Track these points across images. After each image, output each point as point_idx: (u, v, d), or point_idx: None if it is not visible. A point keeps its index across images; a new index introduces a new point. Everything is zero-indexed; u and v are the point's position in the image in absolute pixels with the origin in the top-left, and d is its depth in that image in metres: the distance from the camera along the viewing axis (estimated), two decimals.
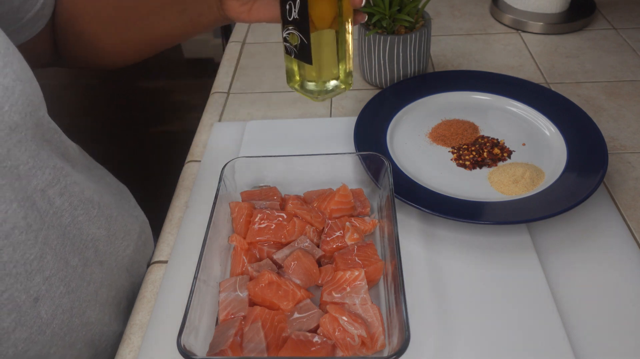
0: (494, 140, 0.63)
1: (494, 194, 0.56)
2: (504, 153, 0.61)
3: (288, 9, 0.47)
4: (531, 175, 0.57)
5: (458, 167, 0.60)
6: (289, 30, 0.48)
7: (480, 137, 0.64)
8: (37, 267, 0.40)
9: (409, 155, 0.62)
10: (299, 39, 0.47)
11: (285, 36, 0.49)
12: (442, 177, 0.59)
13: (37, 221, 0.40)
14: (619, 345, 0.44)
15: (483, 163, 0.60)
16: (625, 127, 0.67)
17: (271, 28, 0.96)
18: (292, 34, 0.48)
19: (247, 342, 0.42)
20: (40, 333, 0.41)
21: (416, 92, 0.70)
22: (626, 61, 0.80)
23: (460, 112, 0.68)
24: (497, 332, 0.45)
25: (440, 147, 0.63)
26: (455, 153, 0.62)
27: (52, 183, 0.42)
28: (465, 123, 0.66)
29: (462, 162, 0.61)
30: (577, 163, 0.57)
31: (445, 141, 0.64)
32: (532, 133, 0.64)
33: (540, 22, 0.87)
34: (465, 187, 0.57)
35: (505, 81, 0.71)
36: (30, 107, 0.39)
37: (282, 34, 0.49)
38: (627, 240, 0.52)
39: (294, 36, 0.48)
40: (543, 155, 0.60)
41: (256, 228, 0.51)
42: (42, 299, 0.41)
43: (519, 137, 0.63)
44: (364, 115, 0.66)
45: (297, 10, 0.46)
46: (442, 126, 0.66)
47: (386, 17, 0.67)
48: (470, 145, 0.62)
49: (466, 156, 0.61)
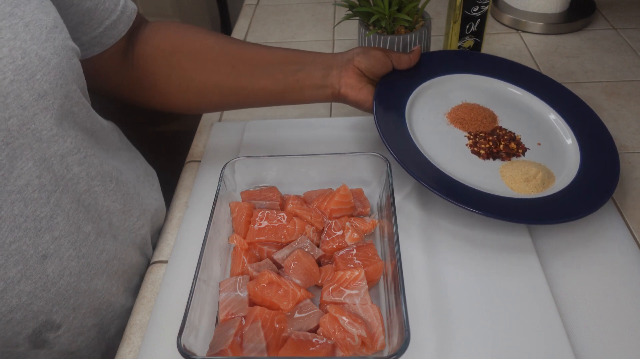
0: (511, 133, 0.61)
1: (503, 188, 0.55)
2: (519, 149, 0.60)
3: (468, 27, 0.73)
4: (543, 176, 0.55)
5: (472, 154, 0.59)
6: (466, 39, 0.74)
7: (498, 127, 0.62)
8: (47, 226, 0.42)
9: (423, 130, 0.61)
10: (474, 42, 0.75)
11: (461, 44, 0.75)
12: (453, 159, 0.58)
13: (52, 182, 0.42)
14: (620, 348, 0.44)
15: (497, 155, 0.59)
16: (625, 127, 0.67)
17: (271, 28, 0.96)
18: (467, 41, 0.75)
19: (247, 342, 0.42)
20: (45, 289, 0.43)
21: (445, 66, 0.68)
22: (626, 61, 0.80)
23: (482, 98, 0.66)
24: (497, 333, 0.45)
25: (457, 130, 0.62)
26: (472, 139, 0.60)
27: (73, 152, 0.44)
28: (486, 111, 0.64)
29: (477, 149, 0.59)
30: (588, 176, 0.56)
31: (464, 124, 0.62)
32: (549, 136, 0.62)
33: (540, 22, 0.87)
34: (474, 175, 0.56)
35: (539, 80, 0.68)
36: (62, 79, 0.42)
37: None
38: (628, 241, 0.52)
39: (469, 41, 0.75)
40: (556, 160, 0.59)
41: (256, 228, 0.51)
42: (50, 257, 0.43)
43: (536, 136, 0.61)
44: (389, 78, 0.63)
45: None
46: (462, 108, 0.64)
47: (386, 17, 0.67)
48: (488, 135, 0.61)
49: (482, 144, 0.60)
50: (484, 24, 0.72)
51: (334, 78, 0.59)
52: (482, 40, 0.74)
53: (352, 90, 0.59)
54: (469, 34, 0.73)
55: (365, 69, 0.60)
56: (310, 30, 0.94)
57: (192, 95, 0.60)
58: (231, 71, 0.59)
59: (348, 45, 0.89)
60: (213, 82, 0.59)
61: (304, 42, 0.91)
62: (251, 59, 0.59)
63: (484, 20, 0.72)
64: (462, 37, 0.74)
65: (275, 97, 0.60)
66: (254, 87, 0.59)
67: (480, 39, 0.74)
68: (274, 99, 0.61)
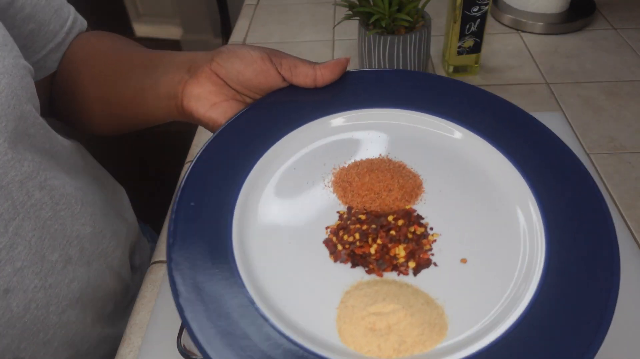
0: (423, 227, 0.36)
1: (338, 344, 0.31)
2: (414, 260, 0.34)
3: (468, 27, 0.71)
4: (406, 326, 0.30)
5: (324, 249, 0.36)
6: (466, 39, 0.73)
7: (407, 211, 0.37)
8: (7, 257, 0.39)
9: (274, 192, 0.39)
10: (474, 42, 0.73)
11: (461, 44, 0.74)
12: (285, 256, 0.36)
13: (10, 211, 0.39)
14: (620, 348, 0.44)
15: (363, 262, 0.34)
16: (625, 127, 0.67)
17: (271, 28, 0.96)
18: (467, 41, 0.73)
19: None
20: (10, 325, 0.40)
21: (375, 95, 0.45)
22: (626, 61, 0.80)
23: (416, 152, 0.42)
24: None
25: (332, 197, 0.39)
26: (341, 221, 0.37)
27: (32, 176, 0.41)
28: (400, 178, 0.39)
29: (335, 240, 0.36)
30: (555, 307, 0.31)
31: (346, 192, 0.38)
32: (496, 226, 0.37)
33: (540, 22, 0.87)
34: (307, 304, 0.33)
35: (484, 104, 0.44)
36: (14, 99, 0.38)
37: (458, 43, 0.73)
38: (627, 241, 0.52)
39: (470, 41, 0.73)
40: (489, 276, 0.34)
41: None
42: (13, 291, 0.40)
43: (471, 231, 0.37)
44: (277, 97, 0.43)
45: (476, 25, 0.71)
46: (359, 167, 0.40)
47: (385, 17, 0.67)
48: (373, 220, 0.36)
49: (346, 235, 0.35)
50: (484, 24, 0.72)
51: (182, 85, 0.43)
52: (482, 40, 0.74)
53: (199, 104, 0.42)
54: (469, 34, 0.73)
55: (227, 76, 0.42)
56: (310, 31, 0.94)
57: (86, 114, 0.51)
58: (104, 80, 0.49)
59: (348, 45, 0.89)
60: (95, 95, 0.50)
61: (304, 42, 0.91)
62: (124, 62, 0.49)
63: (484, 20, 0.72)
64: (462, 37, 0.74)
65: (120, 108, 0.48)
66: (111, 98, 0.48)
67: (480, 39, 0.74)
68: (120, 111, 0.49)
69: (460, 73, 0.78)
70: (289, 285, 0.34)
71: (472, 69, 0.77)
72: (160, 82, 0.44)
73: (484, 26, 0.72)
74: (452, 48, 0.75)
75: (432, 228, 0.37)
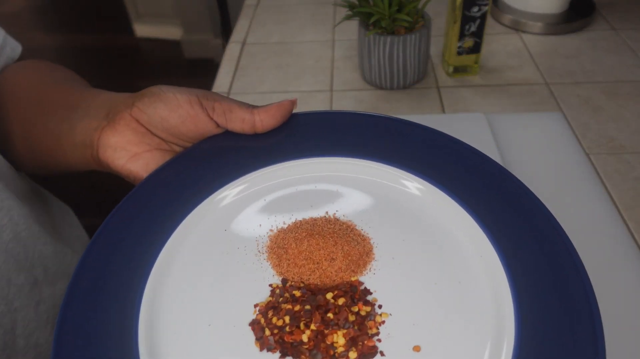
0: (369, 307, 0.30)
1: None
2: (351, 351, 0.28)
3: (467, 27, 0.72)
4: None
5: (249, 331, 0.30)
6: (466, 40, 0.73)
7: (353, 284, 0.31)
8: None
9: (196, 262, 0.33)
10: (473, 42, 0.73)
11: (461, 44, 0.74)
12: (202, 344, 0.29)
13: None
14: (620, 348, 0.44)
15: (293, 351, 0.28)
16: (625, 127, 0.67)
17: (272, 29, 0.96)
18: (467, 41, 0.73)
19: None
20: None
21: (326, 142, 0.39)
22: (626, 61, 0.80)
23: (372, 212, 0.36)
24: None
25: (266, 268, 0.33)
26: (273, 297, 0.31)
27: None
28: (349, 245, 0.33)
29: (263, 322, 0.29)
30: None
31: (281, 260, 0.32)
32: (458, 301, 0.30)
33: (539, 23, 0.87)
34: None
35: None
36: None
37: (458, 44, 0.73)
38: (627, 241, 0.52)
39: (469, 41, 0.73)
40: None
41: None
42: None
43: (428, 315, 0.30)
44: (209, 145, 0.38)
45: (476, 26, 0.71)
46: (298, 230, 0.34)
47: (385, 17, 0.67)
48: (310, 297, 0.30)
49: (275, 317, 0.29)
50: (483, 24, 0.72)
51: (98, 132, 0.37)
52: (481, 41, 0.74)
53: (117, 155, 0.36)
54: (469, 34, 0.73)
55: (150, 123, 0.36)
56: (310, 31, 0.95)
57: (10, 151, 0.47)
58: (26, 120, 0.44)
59: (348, 45, 0.89)
60: (19, 134, 0.44)
61: (304, 42, 0.91)
62: (46, 102, 0.44)
63: (484, 21, 0.72)
64: (462, 38, 0.74)
65: (41, 152, 0.43)
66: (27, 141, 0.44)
67: (480, 40, 0.74)
68: (41, 155, 0.44)
69: (460, 73, 0.78)
70: None
71: (471, 69, 0.78)
72: (76, 128, 0.38)
73: (483, 26, 0.73)
74: (452, 48, 0.75)
75: (380, 305, 0.30)
